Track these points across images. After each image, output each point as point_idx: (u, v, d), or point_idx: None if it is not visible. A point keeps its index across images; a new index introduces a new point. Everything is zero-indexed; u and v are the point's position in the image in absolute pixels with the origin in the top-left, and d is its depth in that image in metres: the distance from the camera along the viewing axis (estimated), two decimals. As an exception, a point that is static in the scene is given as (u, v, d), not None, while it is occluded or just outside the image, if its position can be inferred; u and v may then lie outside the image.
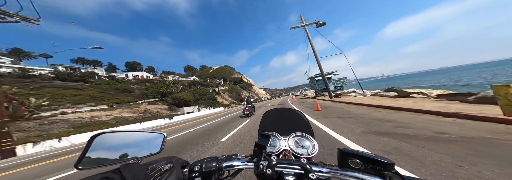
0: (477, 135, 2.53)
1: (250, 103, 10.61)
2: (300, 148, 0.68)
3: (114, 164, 0.43)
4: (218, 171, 0.49)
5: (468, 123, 3.22)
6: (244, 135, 5.00)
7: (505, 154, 1.93)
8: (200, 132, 6.76)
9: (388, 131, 3.28)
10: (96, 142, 0.46)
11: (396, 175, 0.40)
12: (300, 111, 0.95)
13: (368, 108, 6.27)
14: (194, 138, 5.56)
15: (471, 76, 33.01)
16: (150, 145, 0.51)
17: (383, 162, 0.42)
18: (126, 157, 0.47)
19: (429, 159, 1.99)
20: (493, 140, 2.31)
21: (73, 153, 6.73)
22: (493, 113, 3.28)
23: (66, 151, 7.52)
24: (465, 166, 1.76)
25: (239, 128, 6.27)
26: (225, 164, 0.52)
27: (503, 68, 48.46)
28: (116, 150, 0.47)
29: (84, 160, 0.42)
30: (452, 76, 46.66)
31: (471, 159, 1.88)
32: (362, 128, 3.73)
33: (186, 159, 0.53)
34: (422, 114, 4.43)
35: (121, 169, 0.36)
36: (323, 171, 0.47)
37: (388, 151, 2.39)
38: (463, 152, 2.08)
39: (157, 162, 0.44)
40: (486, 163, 1.78)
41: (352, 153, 0.46)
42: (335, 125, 4.37)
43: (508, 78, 21.18)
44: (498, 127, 2.82)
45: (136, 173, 0.36)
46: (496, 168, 1.67)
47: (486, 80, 21.84)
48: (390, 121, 4.09)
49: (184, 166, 0.49)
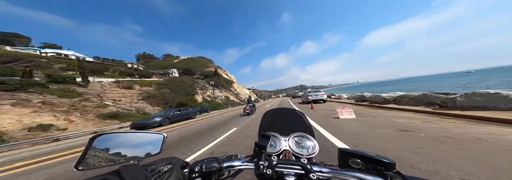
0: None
1: (251, 102, 11.44)
2: (300, 148, 0.68)
3: (114, 165, 0.43)
4: (218, 172, 0.49)
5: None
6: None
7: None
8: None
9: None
10: (96, 143, 0.46)
11: (398, 175, 0.40)
12: (300, 111, 0.95)
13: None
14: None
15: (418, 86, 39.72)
16: (150, 146, 0.51)
17: (384, 161, 0.41)
18: (126, 158, 0.47)
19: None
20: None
21: None
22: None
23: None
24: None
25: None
26: (225, 164, 0.51)
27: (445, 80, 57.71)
28: (116, 151, 0.47)
29: (84, 161, 0.42)
30: (409, 85, 54.56)
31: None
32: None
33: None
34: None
35: (120, 171, 0.36)
36: (323, 171, 0.47)
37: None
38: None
39: (157, 163, 0.43)
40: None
41: (352, 153, 0.46)
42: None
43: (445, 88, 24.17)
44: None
45: (135, 174, 0.35)
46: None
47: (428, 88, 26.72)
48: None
49: (184, 167, 0.49)
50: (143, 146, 0.51)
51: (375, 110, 6.71)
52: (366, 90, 49.76)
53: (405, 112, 5.39)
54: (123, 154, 0.47)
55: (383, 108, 6.79)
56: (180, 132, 6.63)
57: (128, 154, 0.48)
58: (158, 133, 0.55)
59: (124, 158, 0.46)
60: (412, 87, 37.53)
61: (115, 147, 0.48)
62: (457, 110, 4.34)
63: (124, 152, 0.48)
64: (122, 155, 0.47)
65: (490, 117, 3.41)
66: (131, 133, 0.53)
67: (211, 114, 16.46)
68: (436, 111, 4.60)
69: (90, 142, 0.45)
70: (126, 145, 0.49)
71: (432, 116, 4.38)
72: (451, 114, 4.14)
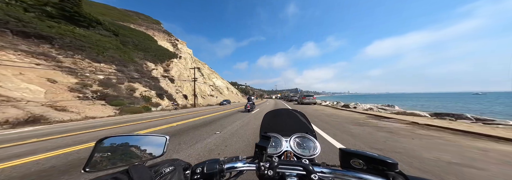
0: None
1: (251, 100, 12.38)
2: (302, 149, 0.68)
3: (119, 167, 0.45)
4: (219, 173, 0.49)
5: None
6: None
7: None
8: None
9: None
10: (101, 146, 0.48)
11: (400, 175, 0.40)
12: (301, 112, 0.95)
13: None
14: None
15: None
16: (153, 148, 0.53)
17: (386, 161, 0.41)
18: (130, 159, 0.48)
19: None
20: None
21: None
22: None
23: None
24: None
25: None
26: (226, 165, 0.52)
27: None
28: (121, 153, 0.49)
29: (91, 163, 0.44)
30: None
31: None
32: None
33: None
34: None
35: (129, 170, 0.38)
36: (325, 171, 0.47)
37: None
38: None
39: (160, 165, 0.45)
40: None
41: (354, 153, 0.46)
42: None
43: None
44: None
45: (142, 174, 0.37)
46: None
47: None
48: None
49: (186, 168, 0.50)
50: (147, 148, 0.52)
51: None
52: (368, 100, 50.12)
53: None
54: (128, 156, 0.49)
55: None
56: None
57: (133, 156, 0.50)
58: (161, 135, 0.57)
59: (128, 159, 0.48)
60: (417, 103, 37.91)
61: (120, 149, 0.50)
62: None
63: (128, 154, 0.50)
64: (127, 157, 0.49)
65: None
66: (135, 136, 0.55)
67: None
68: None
69: (96, 145, 0.47)
70: (131, 147, 0.51)
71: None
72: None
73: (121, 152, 0.49)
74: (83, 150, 3.34)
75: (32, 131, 6.22)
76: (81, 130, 5.99)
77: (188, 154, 2.87)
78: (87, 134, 5.21)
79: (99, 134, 5.18)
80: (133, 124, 7.22)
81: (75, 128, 6.64)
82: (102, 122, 8.41)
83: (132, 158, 0.49)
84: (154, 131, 5.42)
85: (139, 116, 11.26)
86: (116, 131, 5.74)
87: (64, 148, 3.53)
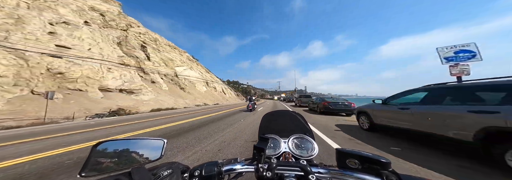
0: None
1: (252, 100, 12.93)
2: (300, 150, 0.68)
3: (117, 171, 0.44)
4: (218, 175, 0.49)
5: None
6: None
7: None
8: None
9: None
10: (98, 150, 0.47)
11: (393, 173, 0.41)
12: (299, 113, 0.96)
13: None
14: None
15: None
16: (151, 152, 0.53)
17: (379, 161, 0.42)
18: (128, 163, 0.48)
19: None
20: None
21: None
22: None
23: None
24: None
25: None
26: (225, 168, 0.52)
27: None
28: (118, 157, 0.48)
29: (88, 168, 0.43)
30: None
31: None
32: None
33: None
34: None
35: (131, 172, 0.39)
36: (322, 172, 0.48)
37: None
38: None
39: (158, 168, 0.45)
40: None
41: (349, 153, 0.47)
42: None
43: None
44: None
45: (143, 177, 0.38)
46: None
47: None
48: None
49: (184, 171, 0.50)
50: (144, 152, 0.52)
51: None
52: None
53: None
54: (125, 160, 0.48)
55: None
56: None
57: (131, 160, 0.49)
58: (159, 138, 0.57)
59: (127, 163, 0.48)
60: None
61: (117, 153, 0.49)
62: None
63: (126, 158, 0.49)
64: (124, 161, 0.48)
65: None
66: (133, 139, 0.54)
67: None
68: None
69: (92, 149, 0.46)
70: (128, 151, 0.50)
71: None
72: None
73: (118, 156, 0.49)
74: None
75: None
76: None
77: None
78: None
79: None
80: None
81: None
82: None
83: (130, 161, 0.48)
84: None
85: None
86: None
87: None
